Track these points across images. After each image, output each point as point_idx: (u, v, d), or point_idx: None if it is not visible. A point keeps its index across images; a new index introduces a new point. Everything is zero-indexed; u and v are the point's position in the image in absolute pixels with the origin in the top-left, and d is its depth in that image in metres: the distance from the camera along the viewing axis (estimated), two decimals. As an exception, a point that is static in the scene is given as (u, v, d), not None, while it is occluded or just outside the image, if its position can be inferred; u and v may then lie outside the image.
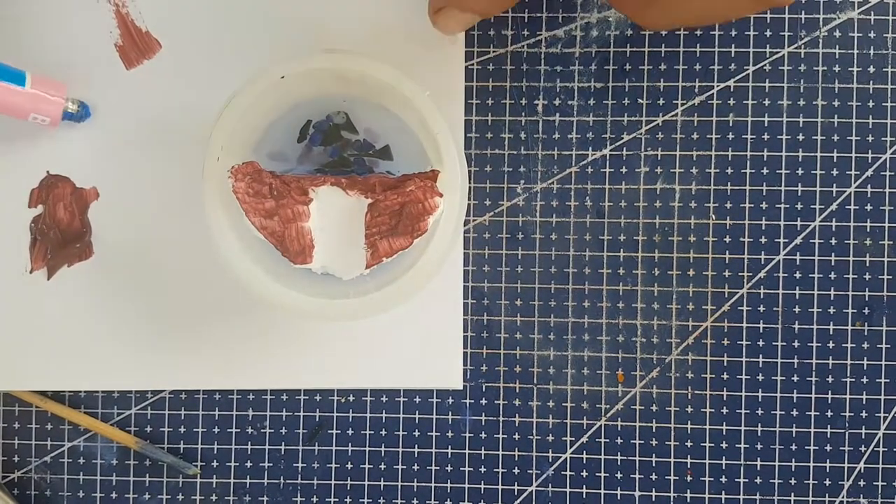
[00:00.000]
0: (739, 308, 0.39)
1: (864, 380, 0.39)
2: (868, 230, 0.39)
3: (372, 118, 0.36)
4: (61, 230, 0.39)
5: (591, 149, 0.39)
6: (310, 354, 0.39)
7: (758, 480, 0.39)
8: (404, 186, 0.34)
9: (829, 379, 0.39)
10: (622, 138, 0.39)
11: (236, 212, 0.34)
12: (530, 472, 0.39)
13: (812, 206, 0.39)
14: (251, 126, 0.35)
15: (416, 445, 0.39)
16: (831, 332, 0.39)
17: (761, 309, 0.39)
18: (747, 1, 0.32)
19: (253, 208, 0.34)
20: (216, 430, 0.39)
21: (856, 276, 0.39)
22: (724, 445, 0.39)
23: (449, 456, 0.39)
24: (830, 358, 0.39)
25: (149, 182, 0.39)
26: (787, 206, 0.39)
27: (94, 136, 0.39)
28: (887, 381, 0.39)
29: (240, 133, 0.35)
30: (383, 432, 0.39)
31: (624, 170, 0.39)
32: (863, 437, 0.38)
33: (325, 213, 0.35)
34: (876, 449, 0.38)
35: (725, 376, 0.39)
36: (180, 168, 0.39)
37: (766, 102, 0.39)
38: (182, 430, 0.39)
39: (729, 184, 0.39)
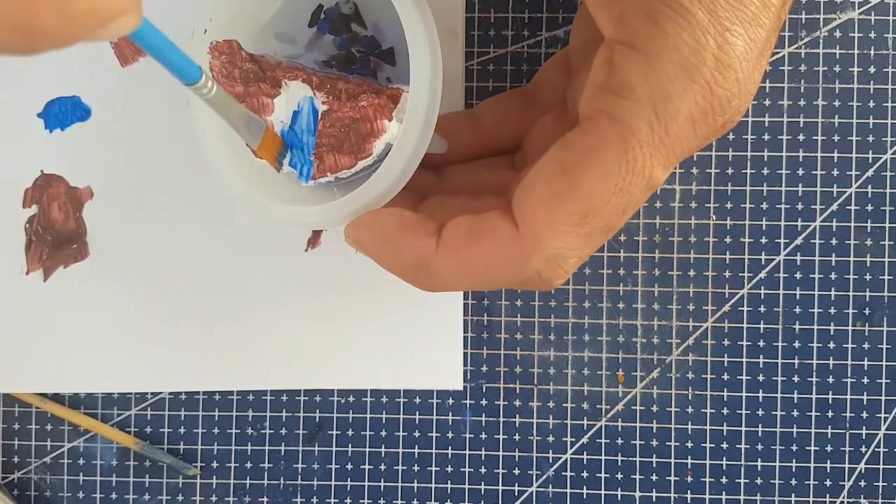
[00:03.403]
0: (740, 308, 0.39)
1: (865, 380, 0.39)
2: (869, 230, 0.39)
3: (382, 15, 0.34)
4: (56, 230, 0.39)
5: (591, 149, 0.39)
6: (310, 354, 0.39)
7: (758, 481, 0.39)
8: (358, 101, 0.31)
9: (830, 379, 0.39)
10: (622, 138, 0.39)
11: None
12: (531, 472, 0.39)
13: (812, 207, 0.39)
14: (262, 2, 0.33)
15: (417, 446, 0.39)
16: (832, 333, 0.39)
17: (762, 309, 0.39)
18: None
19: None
20: (216, 430, 0.39)
21: (856, 277, 0.39)
22: (724, 446, 0.39)
23: (449, 457, 0.39)
24: (831, 358, 0.39)
25: (144, 180, 0.39)
26: (788, 206, 0.39)
27: (87, 133, 0.39)
28: (888, 381, 0.38)
29: (250, 7, 0.32)
30: (383, 433, 0.39)
31: (624, 170, 0.39)
32: (863, 437, 0.38)
33: (291, 109, 0.32)
34: (877, 449, 0.38)
35: (726, 377, 0.39)
36: (176, 166, 0.38)
37: (767, 102, 0.39)
38: (182, 430, 0.39)
39: (729, 184, 0.39)
